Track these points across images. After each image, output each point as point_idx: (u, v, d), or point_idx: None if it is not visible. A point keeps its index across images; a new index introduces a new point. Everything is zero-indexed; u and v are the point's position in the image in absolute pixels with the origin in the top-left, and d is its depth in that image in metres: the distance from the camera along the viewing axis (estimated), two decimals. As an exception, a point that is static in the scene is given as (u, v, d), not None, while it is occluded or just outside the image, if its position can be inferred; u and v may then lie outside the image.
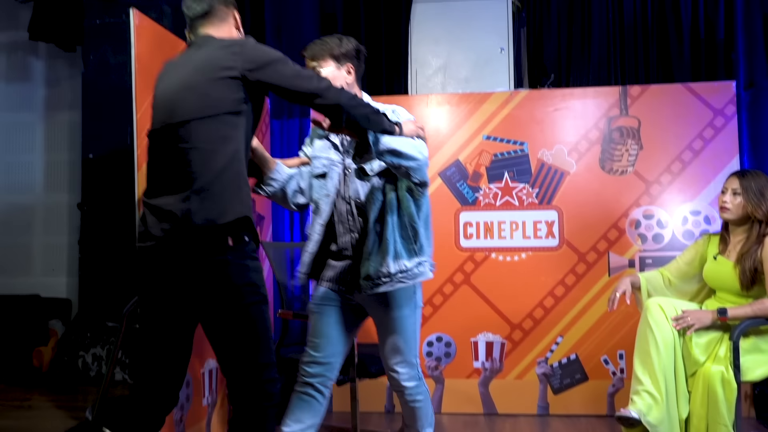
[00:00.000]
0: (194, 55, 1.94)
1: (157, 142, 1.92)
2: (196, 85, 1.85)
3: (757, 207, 2.64)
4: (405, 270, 2.22)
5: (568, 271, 3.51)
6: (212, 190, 1.81)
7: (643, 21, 3.86)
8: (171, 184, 1.84)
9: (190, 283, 1.84)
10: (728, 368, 2.48)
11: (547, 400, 3.50)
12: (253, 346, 1.86)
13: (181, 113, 1.85)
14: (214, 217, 1.80)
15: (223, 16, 2.02)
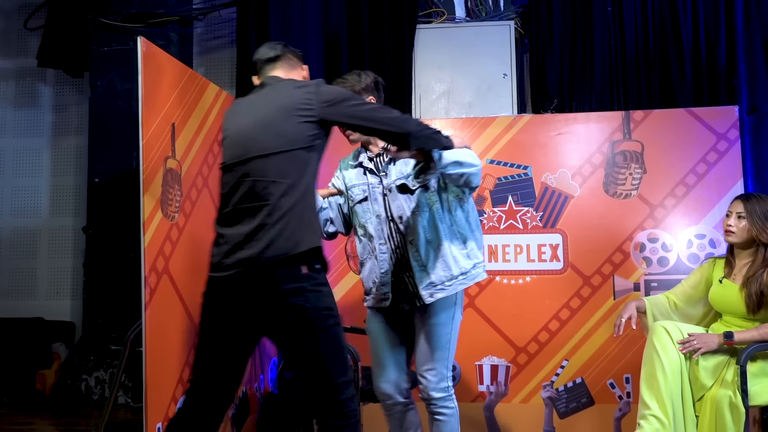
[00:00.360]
0: (269, 94, 2.07)
1: (232, 175, 2.01)
2: (274, 122, 1.98)
3: (761, 230, 2.64)
4: (465, 272, 2.39)
5: (572, 295, 3.50)
6: (288, 222, 1.92)
7: (645, 47, 3.90)
8: (247, 215, 1.95)
9: (267, 311, 1.93)
10: (736, 392, 2.46)
11: (552, 425, 3.47)
12: (331, 367, 1.95)
13: (258, 148, 1.97)
14: (289, 249, 1.91)
15: (292, 64, 2.20)
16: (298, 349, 1.96)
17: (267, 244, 1.90)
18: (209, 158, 2.97)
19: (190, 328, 2.73)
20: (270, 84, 2.12)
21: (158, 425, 2.43)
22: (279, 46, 2.22)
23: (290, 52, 2.21)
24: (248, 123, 2.03)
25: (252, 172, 1.96)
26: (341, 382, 1.96)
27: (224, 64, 4.43)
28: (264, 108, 2.03)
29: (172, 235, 2.60)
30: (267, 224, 1.92)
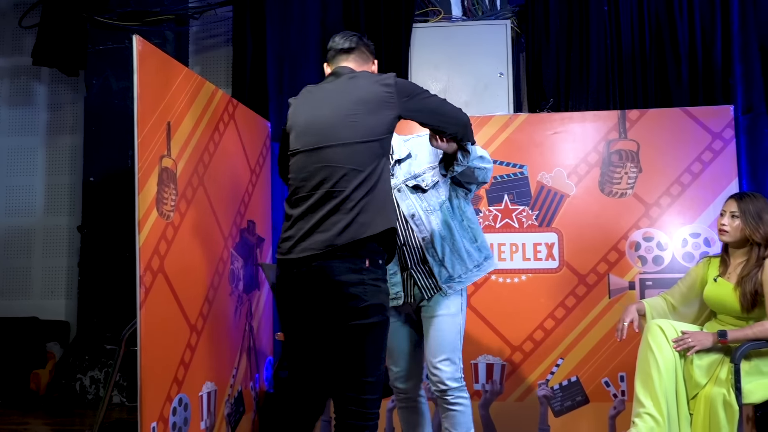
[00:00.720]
0: (347, 86, 2.13)
1: (307, 161, 2.07)
2: (355, 114, 2.05)
3: (755, 230, 2.65)
4: (478, 264, 2.51)
5: (568, 293, 3.50)
6: (362, 208, 1.99)
7: (641, 46, 3.91)
8: (325, 200, 2.00)
9: (326, 297, 1.97)
10: (730, 391, 2.47)
11: (548, 423, 3.47)
12: (368, 364, 1.99)
13: (338, 137, 2.04)
14: (360, 234, 1.96)
15: (364, 57, 2.27)
16: (342, 339, 1.98)
17: (342, 229, 1.96)
18: (205, 157, 2.97)
19: (185, 327, 2.73)
20: (344, 74, 2.17)
21: (153, 425, 2.43)
22: (354, 38, 2.26)
23: (364, 45, 2.27)
24: (327, 113, 2.08)
25: (330, 159, 2.02)
26: (372, 382, 1.99)
27: (220, 62, 4.42)
28: (342, 99, 2.09)
29: (167, 234, 2.60)
30: (344, 210, 1.98)
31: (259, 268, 3.52)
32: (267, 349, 3.72)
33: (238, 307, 3.30)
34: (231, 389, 3.18)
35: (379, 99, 2.07)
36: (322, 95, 2.16)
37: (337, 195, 1.99)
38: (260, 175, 3.70)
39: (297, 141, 2.13)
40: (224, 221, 3.17)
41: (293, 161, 2.13)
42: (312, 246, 1.97)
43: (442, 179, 2.48)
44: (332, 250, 1.95)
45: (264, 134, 3.80)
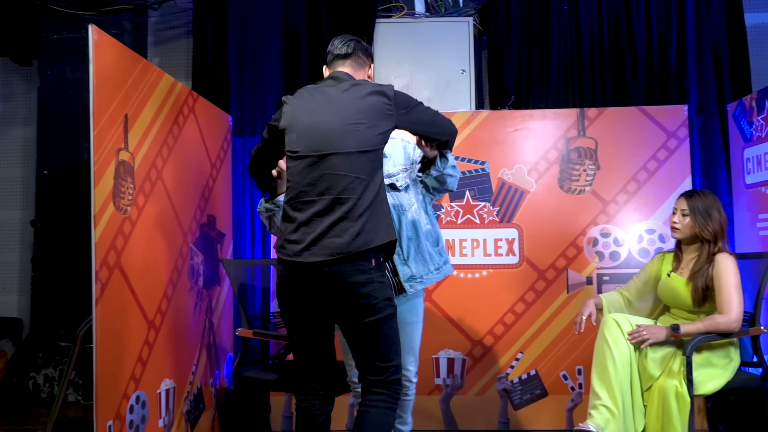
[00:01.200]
0: (347, 93, 2.18)
1: (311, 166, 2.12)
2: (356, 123, 2.13)
3: (704, 227, 2.73)
4: (438, 267, 2.58)
5: (527, 288, 3.56)
6: (369, 216, 2.10)
7: (600, 46, 3.98)
8: (333, 206, 2.08)
9: (339, 298, 2.09)
10: (682, 382, 2.54)
11: (507, 416, 3.52)
12: (387, 351, 2.14)
13: (341, 145, 2.11)
14: (369, 242, 2.08)
15: (360, 62, 2.35)
16: (361, 334, 2.12)
17: (354, 236, 2.06)
18: (164, 150, 2.92)
19: (142, 323, 2.68)
20: (345, 80, 2.23)
21: (109, 423, 2.38)
22: (352, 43, 2.33)
23: (361, 50, 2.34)
24: (331, 120, 2.14)
25: (336, 167, 2.10)
26: (394, 365, 2.16)
27: (180, 54, 4.33)
28: (343, 107, 2.15)
29: (124, 228, 2.54)
30: (352, 217, 2.08)
31: (219, 264, 3.48)
32: (227, 345, 3.68)
33: (197, 303, 3.25)
34: (190, 386, 3.14)
35: (379, 110, 2.15)
36: (324, 99, 2.20)
37: (344, 202, 2.08)
38: (221, 169, 3.65)
39: (299, 143, 2.16)
40: (184, 216, 3.12)
41: (295, 164, 2.16)
42: (322, 252, 2.06)
43: (413, 183, 2.58)
44: (348, 255, 2.05)
45: (225, 128, 3.75)
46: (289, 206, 2.17)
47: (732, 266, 2.66)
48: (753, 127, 3.45)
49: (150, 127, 2.79)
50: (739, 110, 3.58)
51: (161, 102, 2.89)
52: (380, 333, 2.12)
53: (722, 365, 2.66)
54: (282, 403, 3.61)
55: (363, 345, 2.15)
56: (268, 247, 3.86)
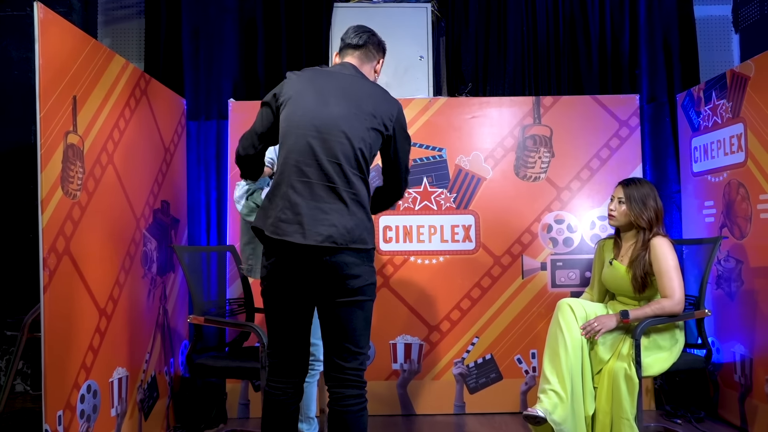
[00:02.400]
0: (358, 88, 2.20)
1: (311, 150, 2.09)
2: (362, 121, 2.15)
3: (639, 215, 2.81)
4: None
5: (483, 274, 3.61)
6: (366, 210, 2.13)
7: (555, 36, 4.03)
8: (332, 194, 2.08)
9: (330, 281, 2.08)
10: (630, 365, 2.62)
11: (463, 400, 3.58)
12: (362, 337, 2.15)
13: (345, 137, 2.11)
14: (364, 234, 2.10)
15: (371, 56, 2.36)
16: (341, 314, 2.11)
17: (352, 227, 2.07)
18: (114, 134, 2.84)
19: (93, 311, 2.62)
20: (357, 75, 2.25)
21: (59, 413, 2.33)
22: (365, 35, 2.34)
23: (372, 44, 2.35)
24: (337, 110, 2.13)
25: (339, 156, 2.09)
26: (363, 353, 2.16)
27: (132, 35, 4.21)
28: (352, 102, 2.15)
29: (73, 214, 2.47)
30: (355, 209, 2.09)
31: (173, 250, 3.42)
32: (183, 332, 3.63)
33: (151, 290, 3.19)
34: (144, 374, 3.09)
35: (383, 119, 2.19)
36: (333, 87, 2.18)
37: (344, 192, 2.08)
38: (175, 153, 3.58)
39: (301, 122, 2.12)
40: (136, 201, 3.05)
41: (293, 141, 2.12)
42: (318, 239, 2.03)
43: None
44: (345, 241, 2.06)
45: (179, 111, 3.67)
46: (282, 182, 2.10)
47: (668, 249, 2.75)
48: (700, 117, 3.55)
49: (100, 109, 2.71)
50: (688, 100, 3.68)
51: (112, 84, 2.81)
52: (362, 316, 2.13)
53: (668, 347, 2.76)
54: (238, 390, 3.58)
55: (339, 327, 2.12)
56: (224, 234, 3.81)
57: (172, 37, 3.97)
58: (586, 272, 3.58)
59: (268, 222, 2.10)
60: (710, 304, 3.41)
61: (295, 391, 2.20)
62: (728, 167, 3.30)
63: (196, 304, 2.84)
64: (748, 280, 3.15)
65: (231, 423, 3.49)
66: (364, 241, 2.10)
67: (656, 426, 3.29)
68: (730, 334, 3.30)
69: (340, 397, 2.12)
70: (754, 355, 3.11)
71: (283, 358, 2.18)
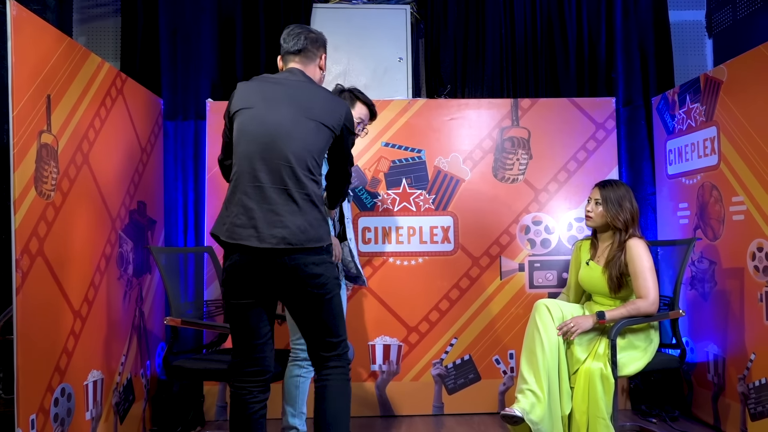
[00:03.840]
0: (304, 92, 2.25)
1: (261, 154, 2.15)
2: (309, 124, 2.20)
3: (615, 217, 2.85)
4: None
5: (462, 275, 3.62)
6: (319, 210, 2.19)
7: (533, 39, 4.07)
8: (284, 197, 2.13)
9: (292, 280, 2.13)
10: (606, 365, 2.65)
11: (442, 400, 3.59)
12: (337, 326, 2.25)
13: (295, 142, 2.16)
14: (320, 233, 2.17)
15: (312, 56, 2.39)
16: (312, 312, 2.20)
17: (306, 227, 2.12)
18: (90, 133, 2.80)
19: (68, 313, 2.58)
20: (300, 80, 2.29)
21: (32, 417, 2.29)
22: (302, 38, 2.36)
23: (311, 44, 2.37)
24: (285, 115, 2.18)
25: (289, 159, 2.14)
26: (343, 339, 2.27)
27: (107, 34, 4.16)
28: (300, 107, 2.21)
29: (47, 214, 2.43)
30: (308, 209, 2.14)
31: (149, 251, 3.38)
32: (160, 334, 3.60)
33: (127, 291, 3.15)
34: (119, 377, 3.05)
35: (330, 120, 2.24)
36: (280, 94, 2.23)
37: (296, 194, 2.13)
38: (152, 154, 3.54)
39: (250, 129, 2.17)
40: (112, 202, 3.01)
41: (243, 147, 2.17)
42: (272, 241, 2.08)
43: None
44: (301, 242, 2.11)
45: (156, 111, 3.64)
46: (237, 189, 2.15)
47: (643, 250, 2.79)
48: (675, 120, 3.61)
49: (75, 109, 2.67)
50: (663, 104, 3.74)
51: (87, 83, 2.78)
52: (331, 309, 2.21)
53: (643, 347, 2.79)
54: (216, 392, 3.55)
55: (317, 323, 2.22)
56: (201, 235, 3.78)
57: (149, 36, 3.93)
58: (563, 273, 3.62)
59: (223, 228, 2.15)
60: (684, 305, 3.46)
61: (260, 389, 2.22)
62: (702, 170, 3.35)
63: (173, 305, 2.82)
64: (720, 280, 3.21)
65: (209, 426, 3.47)
66: (320, 238, 2.15)
67: (632, 425, 3.33)
68: (704, 334, 3.35)
69: (325, 374, 2.25)
70: (726, 354, 3.17)
71: (246, 358, 2.21)
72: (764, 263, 2.86)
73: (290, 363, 2.69)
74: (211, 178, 3.60)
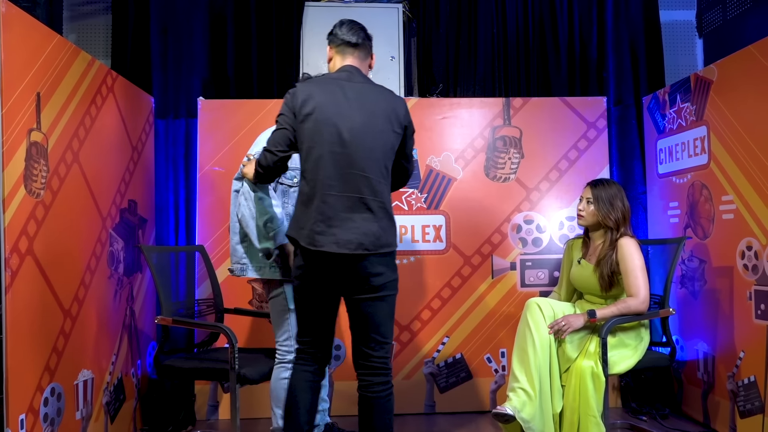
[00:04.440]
0: (371, 95, 2.31)
1: (336, 162, 2.22)
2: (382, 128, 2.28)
3: (607, 215, 2.87)
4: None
5: (454, 274, 3.63)
6: (391, 215, 2.29)
7: (525, 39, 4.07)
8: (362, 204, 2.23)
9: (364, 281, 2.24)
10: (597, 363, 2.66)
11: (433, 399, 3.59)
12: (390, 328, 2.34)
13: (369, 148, 2.24)
14: (392, 238, 2.28)
15: (366, 53, 2.45)
16: (369, 309, 2.28)
17: (380, 233, 2.23)
18: (80, 132, 2.78)
19: (57, 312, 2.56)
20: (362, 82, 2.33)
21: (21, 417, 2.27)
22: (361, 33, 2.41)
23: (368, 41, 2.44)
24: (356, 121, 2.24)
25: (364, 168, 2.23)
26: (389, 342, 2.33)
27: (98, 31, 4.13)
28: (370, 111, 2.27)
29: (37, 213, 2.42)
30: (381, 216, 2.25)
31: (140, 250, 3.37)
32: (151, 333, 3.58)
33: (117, 290, 3.14)
34: (110, 376, 3.04)
35: (399, 122, 2.33)
36: (350, 98, 2.28)
37: (373, 202, 2.24)
38: (143, 152, 3.52)
39: (324, 137, 2.23)
40: (102, 200, 3.00)
41: (318, 155, 2.23)
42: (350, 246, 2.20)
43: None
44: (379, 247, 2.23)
45: (147, 109, 3.62)
46: (308, 196, 2.24)
47: (634, 249, 2.80)
48: (666, 119, 3.63)
49: (65, 107, 2.65)
50: (654, 103, 3.76)
51: (77, 81, 2.76)
52: (390, 309, 2.32)
53: (634, 345, 2.81)
54: (207, 392, 3.54)
55: (368, 321, 2.29)
56: (192, 233, 3.76)
57: (140, 34, 3.91)
58: (554, 272, 3.63)
59: (302, 233, 2.25)
60: (674, 303, 3.48)
61: (320, 372, 2.39)
62: (692, 169, 3.37)
63: (164, 304, 2.80)
64: (710, 279, 3.23)
65: (200, 425, 3.46)
66: (390, 244, 2.27)
67: (622, 423, 3.35)
68: (694, 332, 3.38)
69: (368, 384, 2.30)
70: (716, 352, 3.19)
71: (312, 345, 2.36)
72: (753, 262, 2.88)
73: (276, 365, 2.67)
74: (203, 176, 3.59)
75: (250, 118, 3.58)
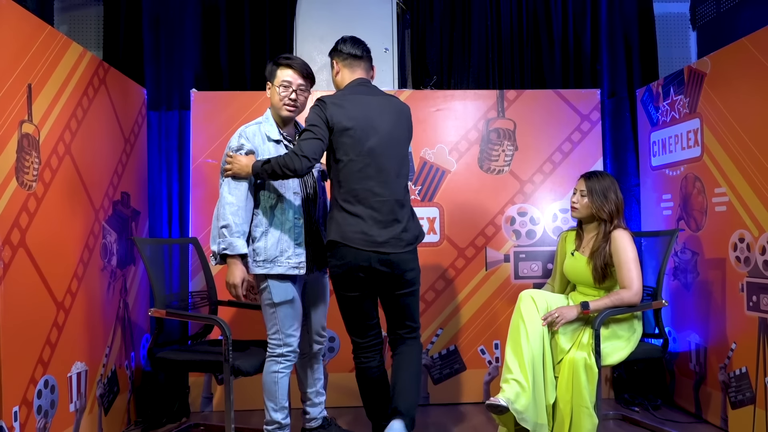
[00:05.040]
0: (392, 104, 2.58)
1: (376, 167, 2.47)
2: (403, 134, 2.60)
3: (600, 207, 2.87)
4: None
5: (448, 266, 3.63)
6: (414, 213, 2.61)
7: (519, 31, 4.07)
8: (399, 207, 2.51)
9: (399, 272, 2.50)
10: (590, 354, 2.67)
11: (427, 390, 3.61)
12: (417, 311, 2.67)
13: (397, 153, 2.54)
14: (422, 232, 2.63)
15: (369, 65, 2.66)
16: (403, 300, 2.58)
17: (417, 231, 2.58)
18: (72, 124, 2.77)
19: (50, 305, 2.56)
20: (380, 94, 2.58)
21: (15, 409, 2.27)
22: (363, 45, 2.63)
23: (369, 54, 2.65)
24: (386, 131, 2.50)
25: (398, 173, 2.52)
26: (419, 326, 2.68)
27: (89, 22, 4.11)
28: (393, 121, 2.54)
29: (29, 205, 2.40)
30: (413, 216, 2.59)
31: (133, 242, 3.35)
32: (144, 325, 3.57)
33: (111, 282, 3.13)
34: (104, 369, 3.03)
35: (410, 127, 2.66)
36: (376, 111, 2.51)
37: (406, 203, 2.55)
38: (135, 144, 3.51)
39: (363, 148, 2.46)
40: (95, 193, 2.98)
41: (361, 166, 2.45)
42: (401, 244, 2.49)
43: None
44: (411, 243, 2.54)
45: (140, 101, 3.60)
46: (349, 201, 2.46)
47: (628, 241, 2.81)
48: (659, 111, 3.63)
49: (56, 98, 2.64)
50: (647, 95, 3.76)
51: (69, 72, 2.74)
52: (417, 298, 2.63)
53: (627, 337, 2.82)
54: (201, 384, 3.55)
55: (402, 309, 2.59)
56: (186, 225, 3.76)
57: (132, 25, 3.89)
58: (548, 264, 3.64)
59: (356, 237, 2.45)
60: (667, 295, 3.50)
61: (380, 357, 2.63)
62: (685, 161, 3.38)
63: (158, 296, 2.80)
64: (702, 271, 3.24)
65: (194, 417, 3.46)
66: (419, 236, 2.59)
67: (615, 414, 3.37)
68: (686, 323, 3.40)
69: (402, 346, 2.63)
70: (708, 344, 3.21)
71: (365, 336, 2.59)
72: (745, 254, 2.90)
73: (268, 359, 2.66)
74: (196, 168, 3.58)
75: (243, 110, 3.57)
